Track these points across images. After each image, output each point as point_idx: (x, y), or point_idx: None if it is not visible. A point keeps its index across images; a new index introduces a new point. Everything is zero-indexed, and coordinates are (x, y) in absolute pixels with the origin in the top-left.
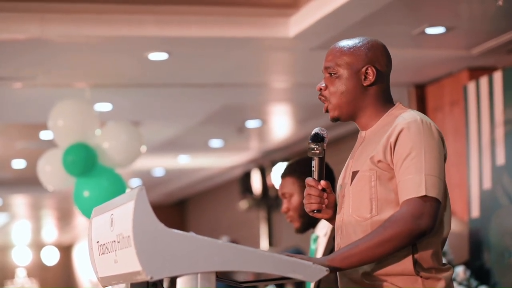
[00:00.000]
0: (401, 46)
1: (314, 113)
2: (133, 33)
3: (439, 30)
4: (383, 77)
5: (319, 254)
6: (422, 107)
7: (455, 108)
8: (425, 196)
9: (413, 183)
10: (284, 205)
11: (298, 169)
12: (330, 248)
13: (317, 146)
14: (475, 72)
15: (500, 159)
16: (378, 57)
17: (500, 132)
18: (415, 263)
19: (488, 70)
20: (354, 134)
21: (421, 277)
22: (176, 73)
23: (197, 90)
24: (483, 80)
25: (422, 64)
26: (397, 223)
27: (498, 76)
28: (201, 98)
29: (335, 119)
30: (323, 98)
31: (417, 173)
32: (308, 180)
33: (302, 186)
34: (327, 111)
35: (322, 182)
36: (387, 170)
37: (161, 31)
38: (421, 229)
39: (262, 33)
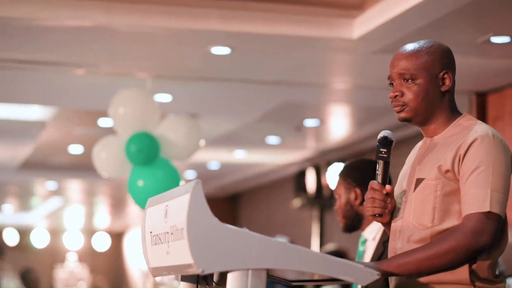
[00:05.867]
0: (465, 54)
1: (372, 116)
2: (197, 27)
3: (504, 39)
4: (454, 83)
5: (367, 257)
6: (482, 115)
7: None
8: (489, 212)
9: (478, 198)
10: (336, 204)
11: (347, 171)
12: (379, 252)
13: (385, 150)
14: None
15: None
16: (451, 62)
17: None
18: (471, 272)
19: None
20: (411, 139)
21: (475, 287)
22: (237, 69)
23: (257, 86)
24: None
25: (484, 72)
26: (457, 237)
27: None
28: (260, 95)
29: (405, 120)
30: (399, 104)
31: (483, 188)
32: (373, 184)
33: (347, 188)
34: (399, 112)
35: (387, 187)
36: (454, 180)
37: (225, 25)
38: (479, 246)
39: (326, 33)
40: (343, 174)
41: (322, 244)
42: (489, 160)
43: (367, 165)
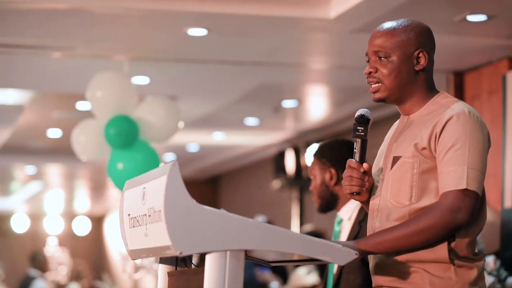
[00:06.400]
0: (442, 32)
1: (350, 96)
2: (174, 8)
3: (480, 17)
4: (431, 62)
5: (343, 237)
6: (460, 94)
7: (493, 97)
8: (465, 189)
9: (455, 175)
10: (311, 184)
11: (322, 151)
12: (355, 232)
13: (362, 128)
14: None
15: None
16: (427, 41)
17: None
18: (450, 251)
19: None
20: (389, 119)
21: (454, 265)
22: (214, 50)
23: (235, 67)
24: None
25: (461, 51)
26: (434, 214)
27: None
28: (238, 76)
29: (380, 100)
30: (374, 80)
31: (459, 165)
32: (350, 162)
33: (322, 169)
34: (374, 92)
35: (365, 165)
36: (430, 158)
37: (201, 6)
38: (457, 223)
39: (303, 13)
40: (318, 155)
41: (302, 225)
42: (465, 137)
43: (341, 145)
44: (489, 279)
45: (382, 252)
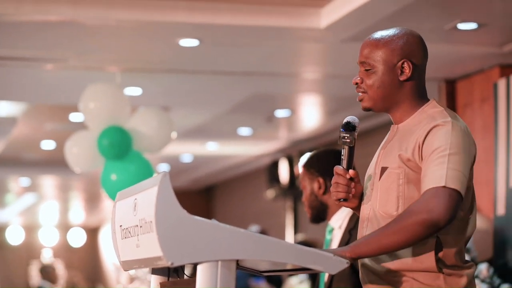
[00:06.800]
0: (433, 41)
1: (343, 105)
2: (165, 19)
3: (471, 26)
4: (419, 71)
5: (334, 245)
6: (452, 102)
7: (485, 104)
8: (443, 187)
9: (434, 175)
10: (303, 195)
11: (310, 162)
12: (345, 240)
13: (348, 135)
14: (506, 70)
15: None
16: (414, 50)
17: None
18: (438, 260)
19: None
20: (384, 128)
21: (443, 273)
22: (206, 60)
23: (227, 78)
24: None
25: (453, 59)
26: (411, 212)
27: None
28: (231, 86)
29: (367, 109)
30: (360, 90)
31: (439, 166)
32: (337, 169)
33: (311, 179)
34: (360, 101)
35: (351, 171)
36: (415, 169)
37: (193, 17)
38: (434, 220)
39: (294, 23)
40: (306, 165)
41: (296, 234)
42: (447, 142)
43: (329, 154)
44: (482, 287)
45: (369, 255)
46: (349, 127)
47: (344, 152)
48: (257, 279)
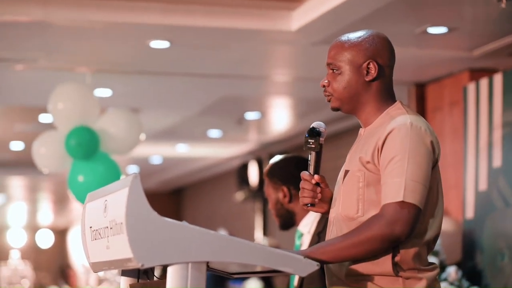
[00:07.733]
0: (403, 45)
1: (313, 107)
2: (136, 20)
3: (441, 30)
4: (386, 72)
5: None
6: (421, 106)
7: (455, 108)
8: (402, 202)
9: (393, 188)
10: (269, 204)
11: (272, 171)
12: (314, 243)
13: (313, 141)
14: (476, 74)
15: (497, 162)
16: (380, 51)
17: (498, 134)
18: (395, 264)
19: (489, 72)
20: (354, 130)
21: (401, 277)
22: (177, 62)
23: (197, 80)
24: (483, 82)
25: (423, 63)
26: (371, 227)
27: (498, 79)
28: (201, 88)
29: (335, 109)
30: (327, 93)
31: (397, 178)
32: (303, 174)
33: (275, 188)
34: (328, 101)
35: (316, 177)
36: (375, 172)
37: (164, 19)
38: (394, 235)
39: (265, 26)
40: (269, 174)
41: (265, 236)
42: (404, 150)
43: (290, 161)
44: None
45: (324, 263)
46: (313, 133)
47: (311, 157)
48: (237, 282)
